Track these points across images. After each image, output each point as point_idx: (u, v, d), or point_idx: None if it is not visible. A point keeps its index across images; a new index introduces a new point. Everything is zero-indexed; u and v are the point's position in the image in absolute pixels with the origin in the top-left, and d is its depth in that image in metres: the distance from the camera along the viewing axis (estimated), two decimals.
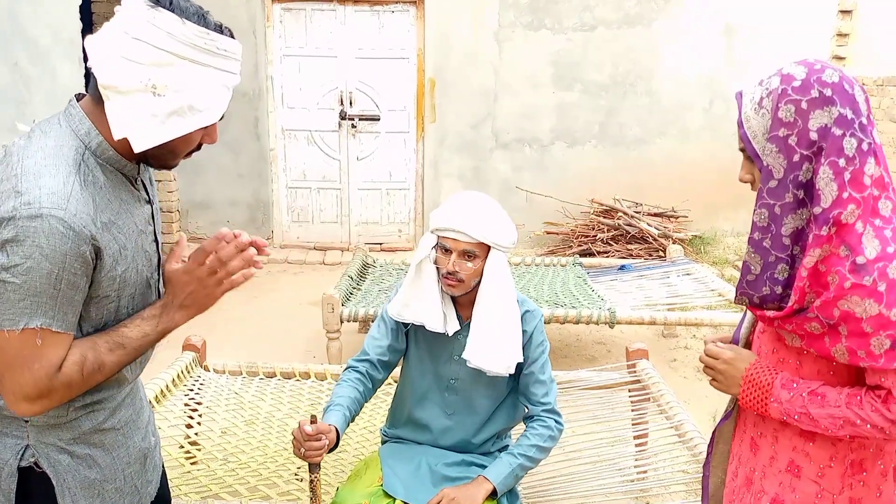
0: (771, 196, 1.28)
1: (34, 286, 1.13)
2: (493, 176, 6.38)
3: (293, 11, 6.10)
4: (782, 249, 1.29)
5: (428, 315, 1.91)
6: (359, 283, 4.26)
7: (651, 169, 6.32)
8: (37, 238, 1.11)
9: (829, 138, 1.22)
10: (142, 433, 1.46)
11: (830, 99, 1.22)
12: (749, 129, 1.30)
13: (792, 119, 1.24)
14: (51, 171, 1.15)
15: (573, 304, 3.86)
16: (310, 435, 1.70)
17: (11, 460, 1.26)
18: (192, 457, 2.42)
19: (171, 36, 1.15)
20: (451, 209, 1.86)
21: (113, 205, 1.25)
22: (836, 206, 1.22)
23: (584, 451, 2.53)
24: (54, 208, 1.12)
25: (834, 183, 1.22)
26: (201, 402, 2.67)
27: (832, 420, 1.29)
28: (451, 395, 2.01)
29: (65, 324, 1.18)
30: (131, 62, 1.15)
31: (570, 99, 6.28)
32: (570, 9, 6.09)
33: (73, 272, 1.15)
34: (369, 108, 6.28)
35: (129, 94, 1.16)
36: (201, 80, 1.20)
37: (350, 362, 2.04)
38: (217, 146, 6.09)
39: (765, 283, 1.32)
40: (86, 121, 1.22)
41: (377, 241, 6.51)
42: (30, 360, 1.15)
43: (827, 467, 1.35)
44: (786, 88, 1.25)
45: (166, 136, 1.20)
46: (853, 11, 6.12)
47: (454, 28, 6.07)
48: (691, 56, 6.15)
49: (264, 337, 4.49)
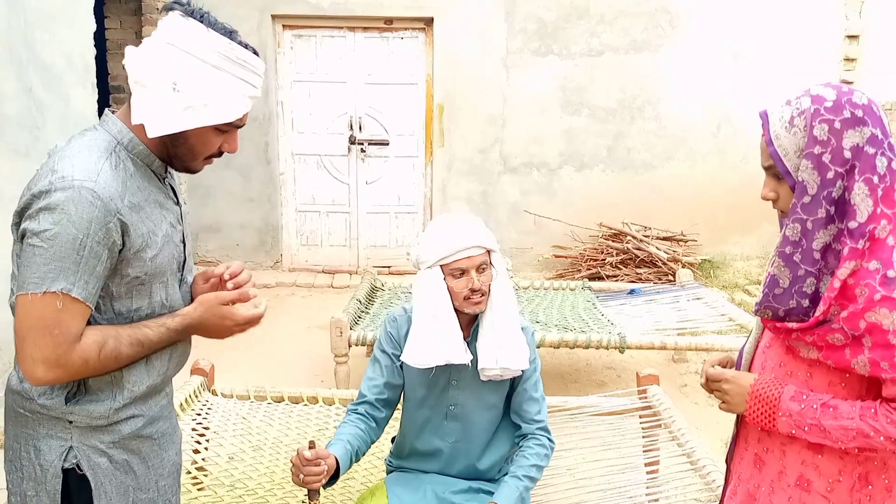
0: (805, 211, 1.31)
1: (59, 251, 1.22)
2: (502, 200, 6.39)
3: (304, 38, 6.18)
4: (812, 263, 1.32)
5: (455, 352, 1.85)
6: (367, 306, 4.25)
7: (659, 193, 6.32)
8: (66, 206, 1.22)
9: (862, 157, 1.26)
10: (176, 448, 1.54)
11: (862, 119, 1.27)
12: (780, 147, 1.33)
13: (826, 137, 1.27)
14: (84, 154, 1.29)
15: (583, 328, 3.84)
16: (308, 460, 1.69)
17: (56, 461, 1.35)
18: (199, 482, 2.41)
19: (196, 41, 1.31)
20: (448, 235, 1.86)
21: (143, 192, 1.36)
22: (871, 220, 1.26)
23: (594, 479, 2.49)
24: (85, 180, 1.24)
25: (869, 199, 1.26)
26: (209, 427, 2.66)
27: (844, 432, 1.30)
28: (451, 423, 1.99)
29: (85, 292, 1.26)
30: (159, 61, 1.30)
31: (578, 123, 6.31)
32: (577, 35, 6.14)
33: (96, 240, 1.24)
34: (378, 133, 6.33)
35: (151, 87, 1.30)
36: (217, 82, 1.33)
37: (349, 407, 2.03)
38: (227, 170, 6.16)
39: (792, 297, 1.35)
40: (118, 122, 1.37)
41: (385, 265, 6.52)
42: (51, 325, 1.23)
43: (836, 481, 1.36)
44: (818, 108, 1.29)
45: (178, 126, 1.32)
46: (860, 36, 6.15)
47: (462, 54, 6.13)
48: (699, 81, 6.17)
49: (272, 360, 4.48)
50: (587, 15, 6.11)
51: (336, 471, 1.79)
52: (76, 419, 1.35)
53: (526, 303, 4.40)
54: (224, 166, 6.17)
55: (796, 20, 6.10)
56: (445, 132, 6.28)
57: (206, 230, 6.35)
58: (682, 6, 6.09)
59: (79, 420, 1.35)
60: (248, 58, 1.37)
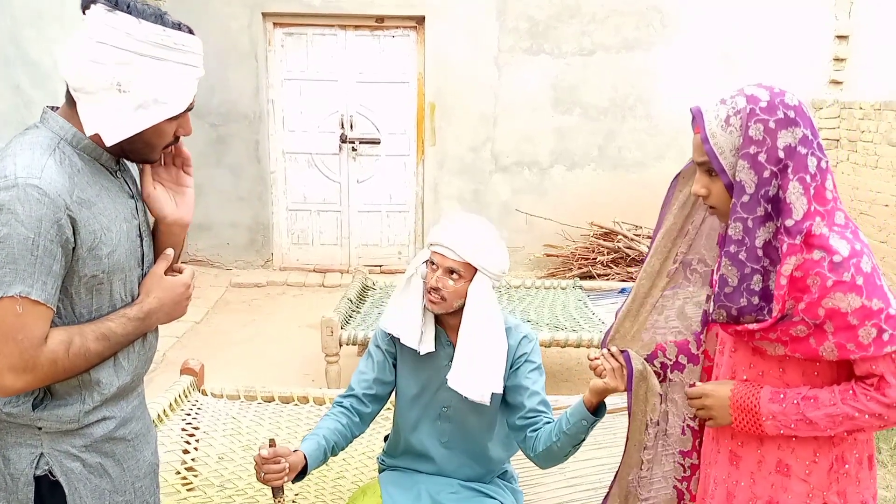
0: (744, 210, 1.34)
1: (12, 253, 1.17)
2: (493, 199, 6.39)
3: (294, 36, 6.15)
4: (756, 261, 1.35)
5: (405, 329, 1.90)
6: (358, 305, 4.24)
7: (650, 191, 6.32)
8: (12, 205, 1.17)
9: (795, 156, 1.30)
10: (151, 448, 1.51)
11: (794, 120, 1.31)
12: (716, 145, 1.36)
13: (761, 137, 1.32)
14: (27, 152, 1.23)
15: (574, 327, 3.84)
16: (266, 459, 1.68)
17: (27, 469, 1.31)
18: (188, 483, 2.39)
19: (130, 35, 1.24)
20: (446, 225, 1.88)
21: (93, 188, 1.30)
22: (806, 218, 1.30)
23: (586, 478, 2.49)
24: (29, 177, 1.19)
25: (804, 197, 1.31)
26: (198, 427, 2.64)
27: (830, 419, 1.34)
28: (444, 423, 1.98)
29: (44, 294, 1.21)
30: (96, 63, 1.23)
31: (570, 122, 6.31)
32: (569, 34, 6.15)
33: (49, 239, 1.20)
34: (370, 132, 6.31)
35: (96, 94, 1.25)
36: (162, 74, 1.28)
37: (336, 398, 2.02)
38: (218, 169, 6.13)
39: (742, 295, 1.37)
40: (59, 119, 1.31)
41: (377, 264, 6.50)
42: (13, 331, 1.19)
43: (812, 463, 1.40)
44: (754, 108, 1.33)
45: (134, 128, 1.28)
46: (849, 36, 6.18)
47: (454, 53, 6.12)
48: (690, 80, 6.19)
49: (262, 360, 4.46)
50: (579, 14, 6.11)
51: (304, 467, 1.78)
52: (45, 425, 1.30)
53: (517, 302, 4.40)
54: (214, 164, 6.14)
55: (786, 20, 6.13)
56: (437, 131, 6.28)
57: (196, 229, 6.31)
58: (674, 5, 6.10)
59: (48, 426, 1.31)
60: (185, 41, 1.30)
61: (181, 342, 4.73)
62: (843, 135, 6.01)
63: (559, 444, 1.78)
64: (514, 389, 1.92)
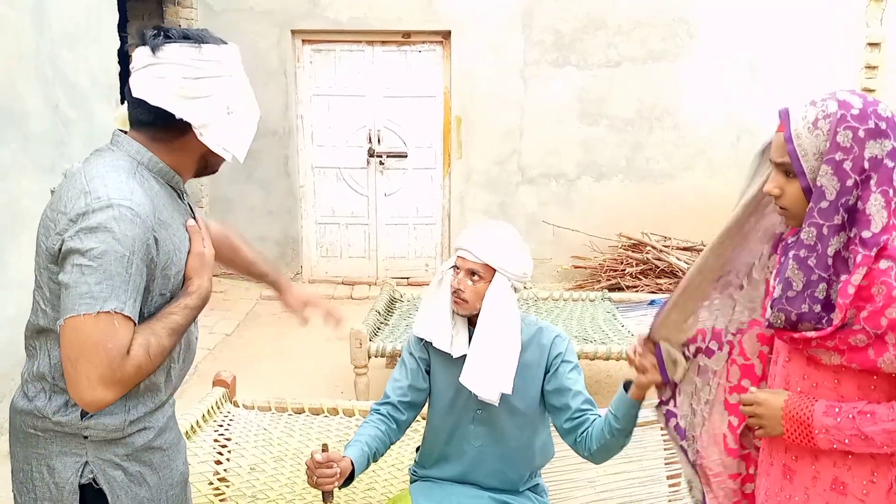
0: (821, 216, 1.31)
1: (109, 269, 1.22)
2: (520, 211, 6.39)
3: (323, 52, 6.25)
4: (825, 269, 1.32)
5: (437, 333, 1.94)
6: (386, 317, 4.26)
7: (679, 203, 6.29)
8: (110, 224, 1.23)
9: (880, 168, 1.28)
10: (182, 457, 1.55)
11: (885, 132, 1.28)
12: (799, 146, 1.32)
13: (849, 145, 1.28)
14: (112, 174, 1.30)
15: (603, 339, 3.82)
16: (320, 463, 1.72)
17: (72, 478, 1.34)
18: (221, 493, 2.42)
19: (209, 62, 1.33)
20: (470, 229, 1.95)
21: (167, 210, 1.38)
22: (884, 231, 1.28)
23: (615, 491, 2.47)
24: (122, 199, 1.25)
25: (885, 210, 1.28)
26: (230, 438, 2.68)
27: (888, 435, 1.30)
28: (478, 427, 2.00)
29: (133, 311, 1.26)
30: (204, 98, 1.33)
31: (596, 134, 6.30)
32: (595, 46, 6.15)
33: (141, 257, 1.26)
34: (397, 146, 6.37)
35: (215, 123, 1.35)
36: (238, 85, 1.39)
37: (372, 406, 2.06)
38: (248, 184, 6.23)
39: (804, 301, 1.34)
40: (134, 143, 1.37)
41: (404, 276, 6.53)
42: (104, 342, 1.21)
43: (870, 482, 1.35)
44: (845, 114, 1.28)
45: (250, 136, 1.43)
46: (881, 44, 6.09)
47: (480, 66, 6.16)
48: (718, 91, 6.14)
49: (293, 372, 4.50)
50: (605, 26, 6.11)
51: (351, 473, 1.81)
52: (91, 433, 1.34)
53: (545, 314, 4.39)
54: (245, 180, 6.24)
55: (816, 28, 6.06)
56: (463, 144, 6.31)
57: None
58: (701, 16, 6.07)
59: (94, 434, 1.35)
60: (232, 52, 1.40)
61: (213, 354, 4.80)
62: None
63: (614, 438, 1.80)
64: (558, 392, 1.93)
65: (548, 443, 2.09)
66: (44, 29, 3.72)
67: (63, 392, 1.33)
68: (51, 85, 3.80)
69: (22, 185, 3.56)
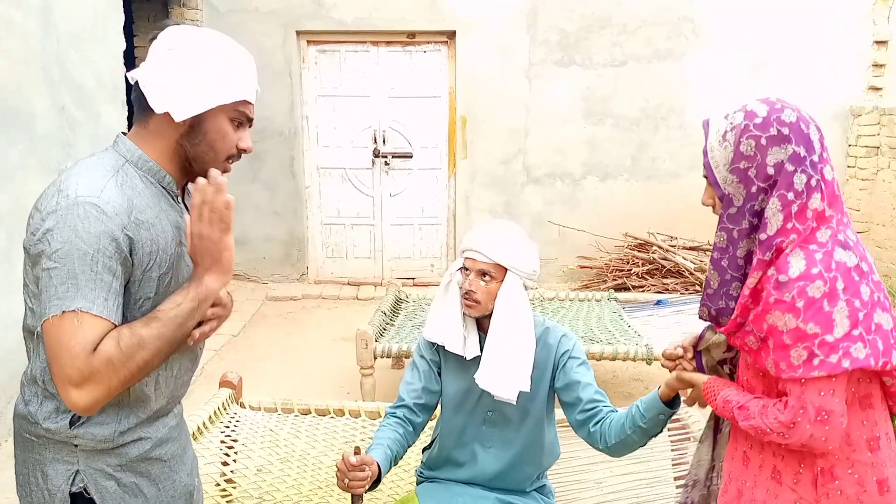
0: (730, 221, 1.40)
1: (72, 268, 1.19)
2: (525, 210, 6.38)
3: (328, 53, 6.25)
4: (737, 269, 1.42)
5: (448, 336, 1.94)
6: (392, 318, 4.26)
7: (685, 202, 6.26)
8: (73, 222, 1.20)
9: (782, 173, 1.34)
10: (187, 469, 1.51)
11: (787, 137, 1.34)
12: (712, 159, 1.42)
13: (752, 153, 1.35)
14: (89, 173, 1.27)
15: (609, 339, 3.81)
16: (354, 466, 1.71)
17: (63, 486, 1.32)
18: (227, 494, 2.42)
19: (176, 41, 1.32)
20: (476, 230, 1.94)
21: (152, 210, 1.32)
22: (779, 234, 1.34)
23: (622, 492, 2.46)
24: (88, 196, 1.22)
25: (780, 214, 1.34)
26: (237, 440, 2.68)
27: (755, 430, 1.40)
28: (489, 428, 2.00)
29: (105, 309, 1.22)
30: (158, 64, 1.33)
31: (602, 133, 6.29)
32: (600, 45, 6.14)
33: (107, 255, 1.22)
34: (402, 146, 6.37)
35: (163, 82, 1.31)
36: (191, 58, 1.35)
37: (387, 409, 2.05)
38: (254, 184, 6.24)
39: (721, 298, 1.46)
40: (129, 142, 1.35)
41: (410, 276, 6.53)
42: (67, 342, 1.18)
43: (798, 473, 1.42)
44: (748, 124, 1.36)
45: (200, 102, 1.31)
46: (889, 41, 6.06)
47: (485, 66, 6.15)
48: (723, 89, 6.12)
49: (299, 373, 4.51)
50: (609, 25, 6.10)
51: (378, 476, 1.80)
52: (81, 443, 1.32)
53: (551, 314, 4.38)
54: (250, 180, 6.25)
55: (822, 26, 6.04)
56: (468, 144, 6.30)
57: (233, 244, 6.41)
58: (706, 15, 6.05)
59: (84, 444, 1.32)
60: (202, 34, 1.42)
61: (219, 355, 4.81)
62: (884, 142, 5.87)
63: (635, 436, 1.78)
64: (568, 387, 1.93)
65: (554, 443, 2.08)
66: (50, 30, 3.73)
67: (53, 397, 1.31)
68: (57, 86, 3.80)
69: (29, 186, 3.57)
